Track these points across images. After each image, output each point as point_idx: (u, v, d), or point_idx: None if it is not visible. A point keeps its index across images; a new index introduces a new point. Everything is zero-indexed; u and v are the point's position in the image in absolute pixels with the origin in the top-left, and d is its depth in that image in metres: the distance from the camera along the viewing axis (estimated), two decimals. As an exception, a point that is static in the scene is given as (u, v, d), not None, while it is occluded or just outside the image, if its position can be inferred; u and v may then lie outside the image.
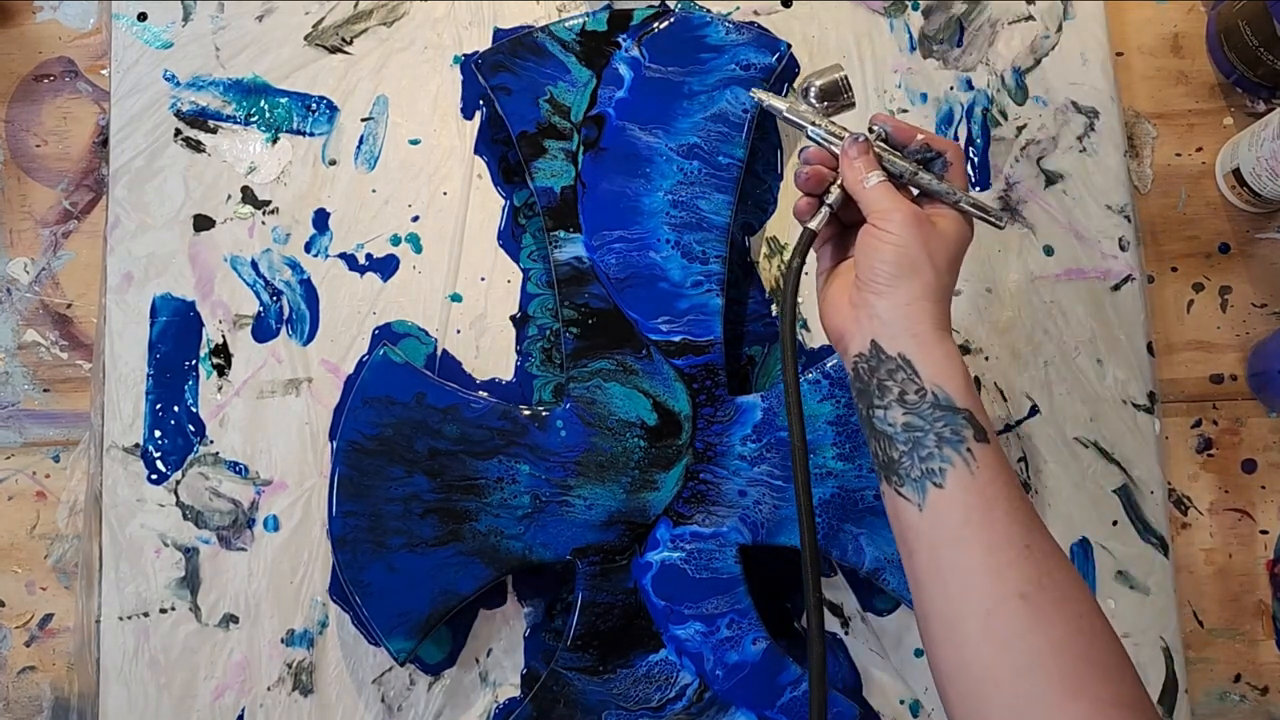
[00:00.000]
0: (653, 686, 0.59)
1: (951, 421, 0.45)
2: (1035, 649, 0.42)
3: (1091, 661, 0.41)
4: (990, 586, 0.43)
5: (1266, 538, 0.64)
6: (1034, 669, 0.41)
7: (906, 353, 0.47)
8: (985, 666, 0.42)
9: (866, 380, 0.47)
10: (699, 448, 0.60)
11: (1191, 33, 0.69)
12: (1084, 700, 0.40)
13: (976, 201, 0.50)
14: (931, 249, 0.48)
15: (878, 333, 0.47)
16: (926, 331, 0.47)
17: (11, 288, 0.66)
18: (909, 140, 0.51)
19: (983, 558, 0.43)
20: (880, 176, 0.49)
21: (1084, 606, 0.43)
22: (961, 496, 0.44)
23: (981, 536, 0.44)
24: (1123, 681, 0.41)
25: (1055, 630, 0.42)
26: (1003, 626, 0.42)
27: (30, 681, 0.62)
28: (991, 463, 0.45)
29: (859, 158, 0.50)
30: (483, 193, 0.66)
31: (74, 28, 0.69)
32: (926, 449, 0.45)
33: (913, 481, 0.45)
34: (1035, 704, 0.41)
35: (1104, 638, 0.43)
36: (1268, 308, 0.66)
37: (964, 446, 0.45)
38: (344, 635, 0.61)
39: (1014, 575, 0.43)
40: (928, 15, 0.68)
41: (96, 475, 0.62)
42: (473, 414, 0.59)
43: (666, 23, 0.64)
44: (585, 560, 0.59)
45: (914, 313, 0.47)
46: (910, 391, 0.46)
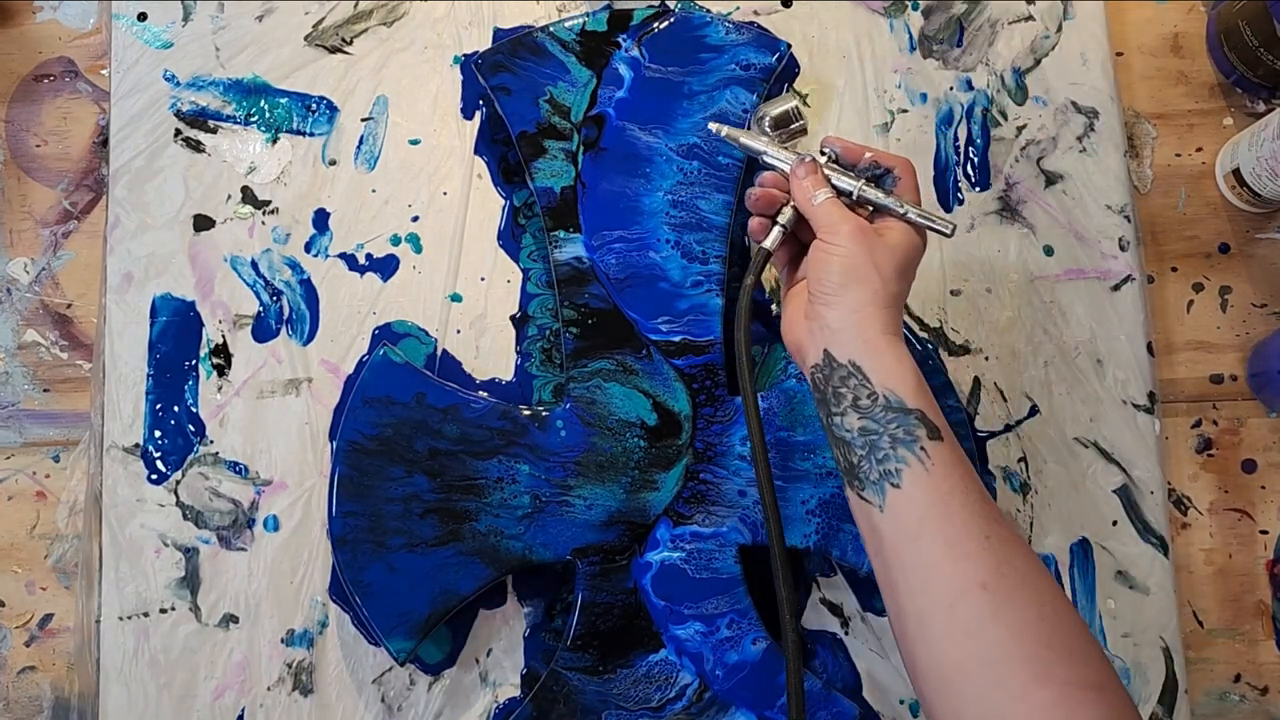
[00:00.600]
0: (653, 686, 0.59)
1: (904, 422, 0.46)
2: (999, 637, 0.42)
3: (1055, 646, 0.42)
4: (951, 579, 0.44)
5: (1266, 538, 0.64)
6: (999, 657, 0.42)
7: (856, 359, 0.48)
8: (952, 659, 0.43)
9: (823, 389, 0.49)
10: (699, 448, 0.60)
11: (1191, 33, 0.69)
12: (1050, 685, 0.41)
13: (923, 212, 0.51)
14: (878, 259, 0.49)
15: (829, 342, 0.49)
16: (875, 338, 0.48)
17: (11, 288, 0.66)
18: (858, 159, 0.53)
19: (943, 551, 0.44)
20: (828, 194, 0.52)
21: (1046, 593, 0.44)
22: (918, 494, 0.46)
23: (940, 531, 0.45)
24: (1088, 664, 0.42)
25: (1017, 617, 0.43)
26: (966, 618, 0.43)
27: (30, 681, 0.62)
28: (946, 459, 0.46)
29: (807, 177, 0.53)
30: (483, 193, 0.66)
31: (74, 28, 0.69)
32: (882, 451, 0.47)
33: (872, 484, 0.47)
34: (1002, 692, 0.41)
35: (1067, 621, 0.43)
36: (1268, 308, 0.66)
37: (917, 445, 0.46)
38: (344, 635, 0.61)
39: (974, 566, 0.44)
40: (928, 15, 0.68)
41: (96, 475, 0.62)
42: (473, 414, 0.59)
43: (666, 23, 0.64)
44: (585, 560, 0.59)
45: (862, 320, 0.49)
46: (863, 396, 0.48)
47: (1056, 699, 0.41)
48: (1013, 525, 0.46)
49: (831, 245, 0.50)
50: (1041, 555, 0.62)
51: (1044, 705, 0.41)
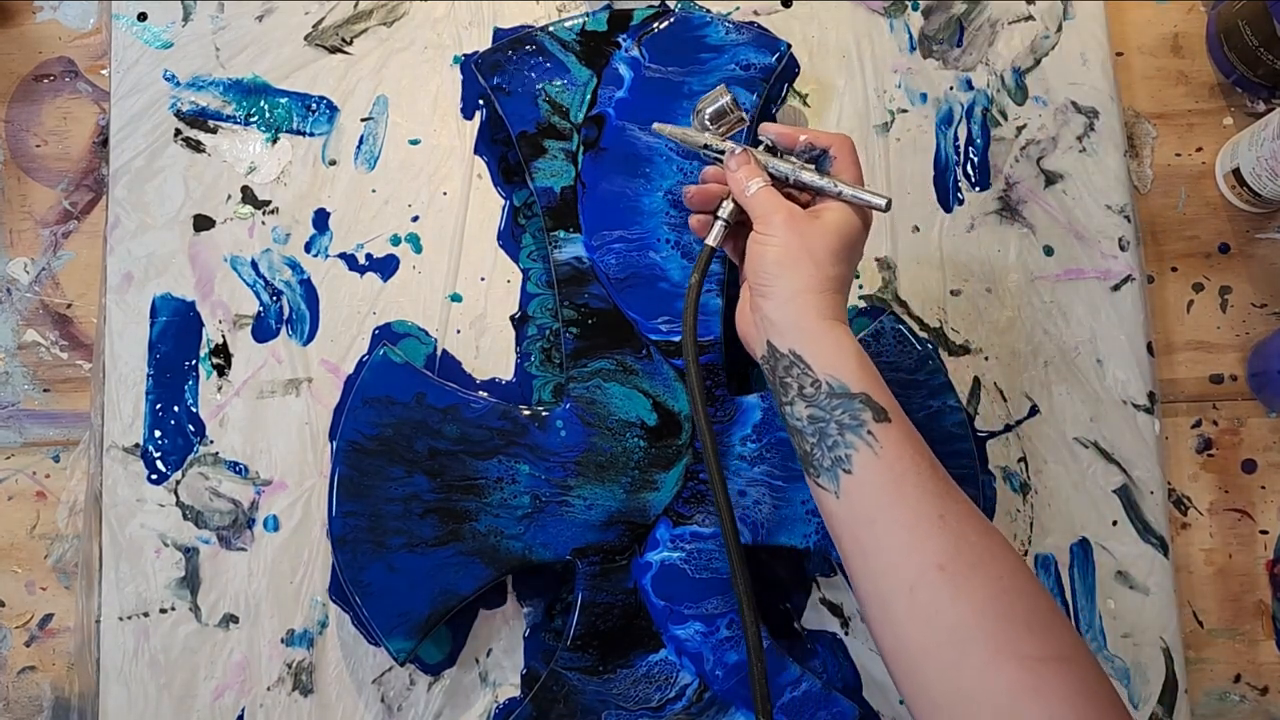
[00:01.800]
0: (653, 686, 0.59)
1: (849, 407, 0.46)
2: (959, 617, 0.42)
3: (1016, 620, 0.42)
4: (909, 561, 0.44)
5: (1266, 538, 0.64)
6: (961, 637, 0.42)
7: (796, 348, 0.48)
8: (917, 641, 0.43)
9: (772, 380, 0.49)
10: (699, 448, 0.60)
11: (1191, 33, 0.69)
12: (1012, 661, 0.41)
13: (856, 189, 0.50)
14: (811, 244, 0.49)
15: (771, 333, 0.49)
16: (813, 325, 0.48)
17: (11, 288, 0.66)
18: (794, 144, 0.53)
19: (898, 534, 0.44)
20: (761, 183, 0.51)
21: (1005, 566, 0.43)
22: (870, 478, 0.45)
23: (895, 514, 0.45)
24: (1050, 635, 0.42)
25: (977, 595, 0.42)
26: (926, 600, 0.43)
27: (30, 681, 0.62)
28: (895, 440, 0.46)
29: (740, 168, 0.52)
30: (483, 193, 0.66)
31: (74, 28, 0.69)
32: (831, 438, 0.46)
33: (826, 471, 0.46)
34: (966, 671, 0.41)
35: (1028, 595, 0.43)
36: (1268, 308, 0.66)
37: (864, 430, 0.46)
38: (344, 635, 0.61)
39: (930, 547, 0.43)
40: (928, 15, 0.68)
41: (96, 475, 0.62)
42: (473, 414, 0.59)
43: (666, 23, 0.64)
44: (585, 560, 0.59)
45: (798, 308, 0.48)
46: (807, 385, 0.47)
47: (1020, 675, 0.40)
48: (967, 499, 0.46)
49: (765, 235, 0.50)
50: (1041, 555, 0.62)
51: (1009, 682, 0.40)
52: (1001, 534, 0.45)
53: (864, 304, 0.64)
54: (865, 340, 0.61)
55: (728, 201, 0.53)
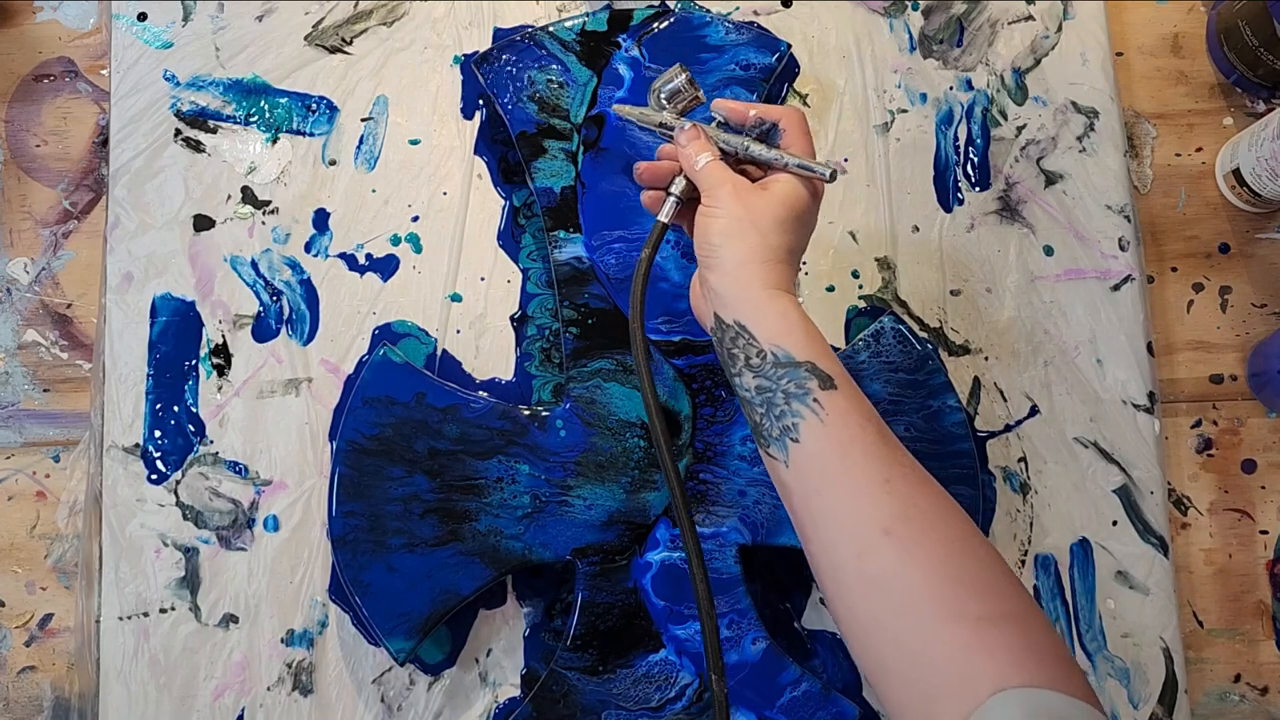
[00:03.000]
0: (653, 686, 0.59)
1: (794, 376, 0.46)
2: (908, 583, 0.42)
3: (964, 583, 0.42)
4: (856, 528, 0.44)
5: (1266, 538, 0.64)
6: (910, 603, 0.42)
7: (741, 318, 0.48)
8: (867, 609, 0.43)
9: (720, 353, 0.49)
10: (699, 448, 0.60)
11: (1191, 33, 0.69)
12: (962, 623, 0.41)
13: (802, 160, 0.50)
14: (756, 214, 0.49)
15: (717, 305, 0.49)
16: (756, 294, 0.48)
17: (11, 288, 0.66)
18: (744, 119, 0.53)
19: (846, 501, 0.44)
20: (709, 157, 0.51)
21: (953, 529, 0.43)
22: (817, 447, 0.45)
23: (842, 481, 0.45)
24: (998, 595, 0.42)
25: (924, 560, 0.42)
26: (874, 566, 0.43)
27: (30, 681, 0.62)
28: (841, 407, 0.46)
29: (689, 144, 0.52)
30: (483, 193, 0.66)
31: (74, 28, 0.69)
32: (778, 407, 0.46)
33: (775, 441, 0.46)
34: (918, 636, 0.41)
35: (977, 556, 0.43)
36: (1268, 308, 0.66)
37: (810, 398, 0.46)
38: (344, 635, 0.61)
39: (877, 513, 0.43)
40: (928, 15, 0.68)
41: (96, 475, 0.62)
42: (473, 414, 0.59)
43: (666, 23, 0.64)
44: (585, 560, 0.59)
45: (743, 278, 0.48)
46: (753, 355, 0.47)
47: (970, 636, 0.40)
48: (915, 463, 0.46)
49: (712, 208, 0.50)
50: (1041, 555, 0.62)
51: (959, 644, 0.40)
52: (950, 496, 0.45)
53: (864, 304, 0.64)
54: (865, 340, 0.61)
55: (680, 177, 0.53)
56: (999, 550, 0.62)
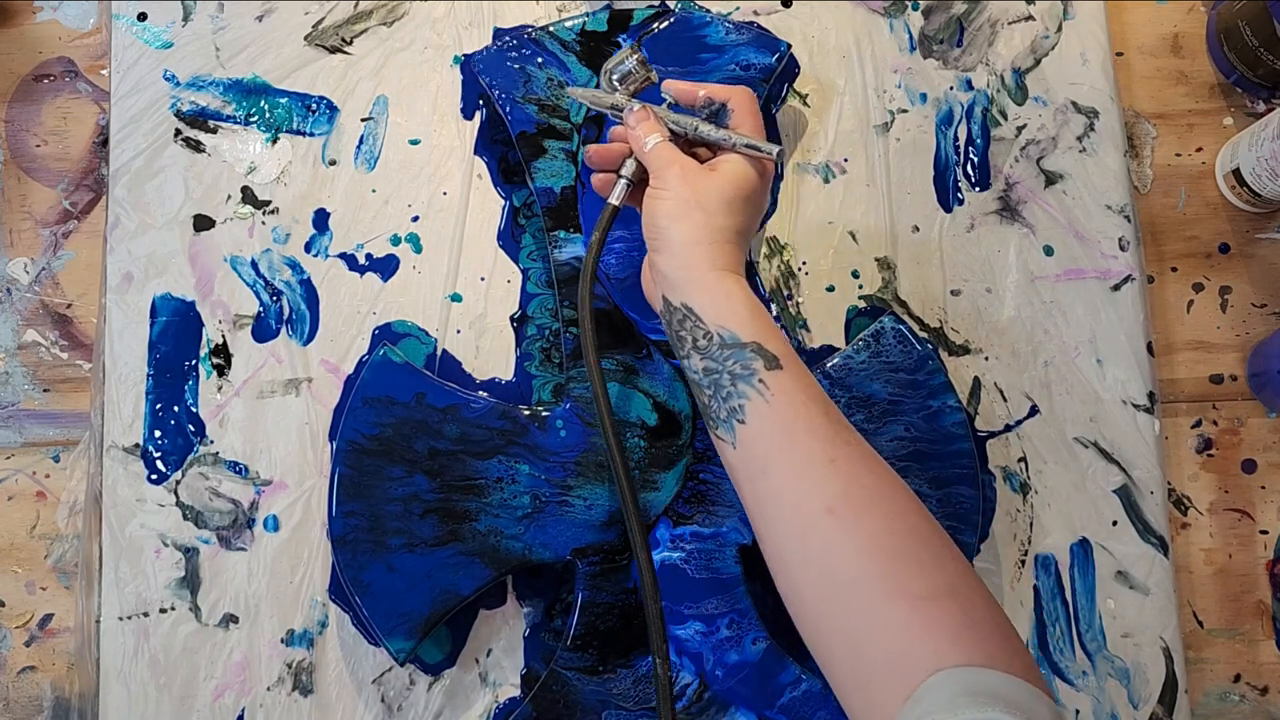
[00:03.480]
0: (653, 686, 0.59)
1: (740, 357, 0.46)
2: (849, 562, 0.42)
3: (906, 561, 0.42)
4: (799, 507, 0.44)
5: (1266, 538, 0.64)
6: (852, 581, 0.42)
7: (688, 300, 0.48)
8: (811, 587, 0.43)
9: (670, 336, 0.49)
10: (699, 448, 0.60)
11: (1191, 33, 0.69)
12: (900, 601, 0.41)
13: (748, 140, 0.51)
14: (702, 195, 0.49)
15: (665, 288, 0.49)
16: (702, 276, 0.48)
17: (11, 288, 0.66)
18: (693, 99, 0.53)
19: (789, 480, 0.44)
20: (658, 138, 0.51)
21: (894, 506, 0.44)
22: (763, 427, 0.45)
23: (785, 460, 0.45)
24: (940, 572, 0.42)
25: (865, 537, 0.42)
26: (817, 546, 0.43)
27: (30, 681, 0.62)
28: (786, 387, 0.46)
29: (638, 125, 0.52)
30: (483, 193, 0.66)
31: (74, 28, 0.69)
32: (725, 389, 0.47)
33: (723, 423, 0.47)
34: (858, 611, 0.42)
35: (918, 533, 0.43)
36: (1268, 308, 0.66)
37: (755, 379, 0.46)
38: (344, 635, 0.61)
39: (819, 492, 0.44)
40: (928, 15, 0.68)
41: (96, 475, 0.62)
42: (473, 414, 0.59)
43: (666, 23, 0.64)
44: (585, 560, 0.59)
45: (689, 259, 0.48)
46: (700, 337, 0.48)
47: (909, 613, 0.40)
48: (862, 441, 0.46)
49: (659, 189, 0.50)
50: (1041, 555, 0.62)
51: (898, 621, 0.40)
52: (896, 475, 0.45)
53: (864, 304, 0.65)
54: (865, 340, 0.61)
55: (630, 159, 0.53)
56: (996, 548, 0.62)
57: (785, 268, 0.65)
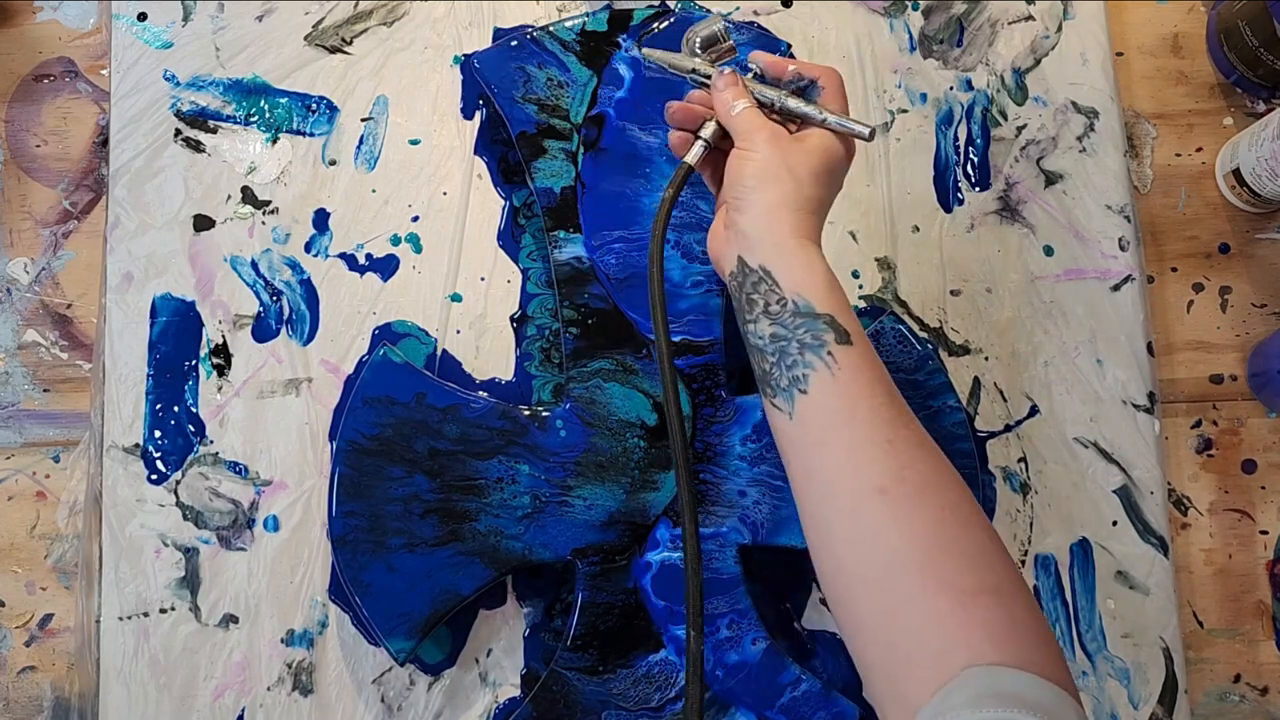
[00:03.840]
0: (653, 686, 0.59)
1: (812, 327, 0.46)
2: (896, 544, 0.42)
3: (953, 553, 0.41)
4: (851, 484, 0.43)
5: (1266, 538, 0.64)
6: (896, 565, 0.42)
7: (766, 264, 0.48)
8: (853, 566, 0.43)
9: (738, 296, 0.49)
10: (699, 448, 0.60)
11: (1191, 33, 0.69)
12: (945, 594, 0.40)
13: (841, 117, 0.50)
14: (792, 161, 0.49)
15: (742, 248, 0.49)
16: (785, 240, 0.48)
17: (11, 288, 0.66)
18: (783, 73, 0.52)
19: (844, 456, 0.44)
20: (746, 104, 0.51)
21: (949, 497, 0.43)
22: (824, 400, 0.45)
23: (843, 436, 0.44)
24: (986, 568, 0.41)
25: (916, 524, 0.42)
26: (865, 524, 0.43)
27: (30, 681, 0.62)
28: (854, 363, 0.45)
29: (726, 89, 0.52)
30: (483, 193, 0.66)
31: (74, 28, 0.69)
32: (791, 357, 0.46)
33: (783, 391, 0.46)
34: (898, 598, 0.41)
35: (969, 526, 0.43)
36: (1268, 308, 0.66)
37: (824, 350, 0.45)
38: (344, 635, 0.61)
39: (873, 470, 0.43)
40: (928, 15, 0.68)
41: (96, 475, 0.62)
42: (473, 414, 0.59)
43: (666, 23, 0.64)
44: (585, 560, 0.59)
45: (773, 222, 0.48)
46: (773, 302, 0.47)
47: (950, 606, 0.40)
48: (922, 431, 0.45)
49: (747, 151, 0.49)
50: (1041, 555, 0.62)
51: (938, 613, 0.40)
52: (953, 467, 0.45)
53: (864, 304, 0.65)
54: (865, 340, 0.61)
55: (710, 122, 0.53)
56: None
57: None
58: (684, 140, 0.54)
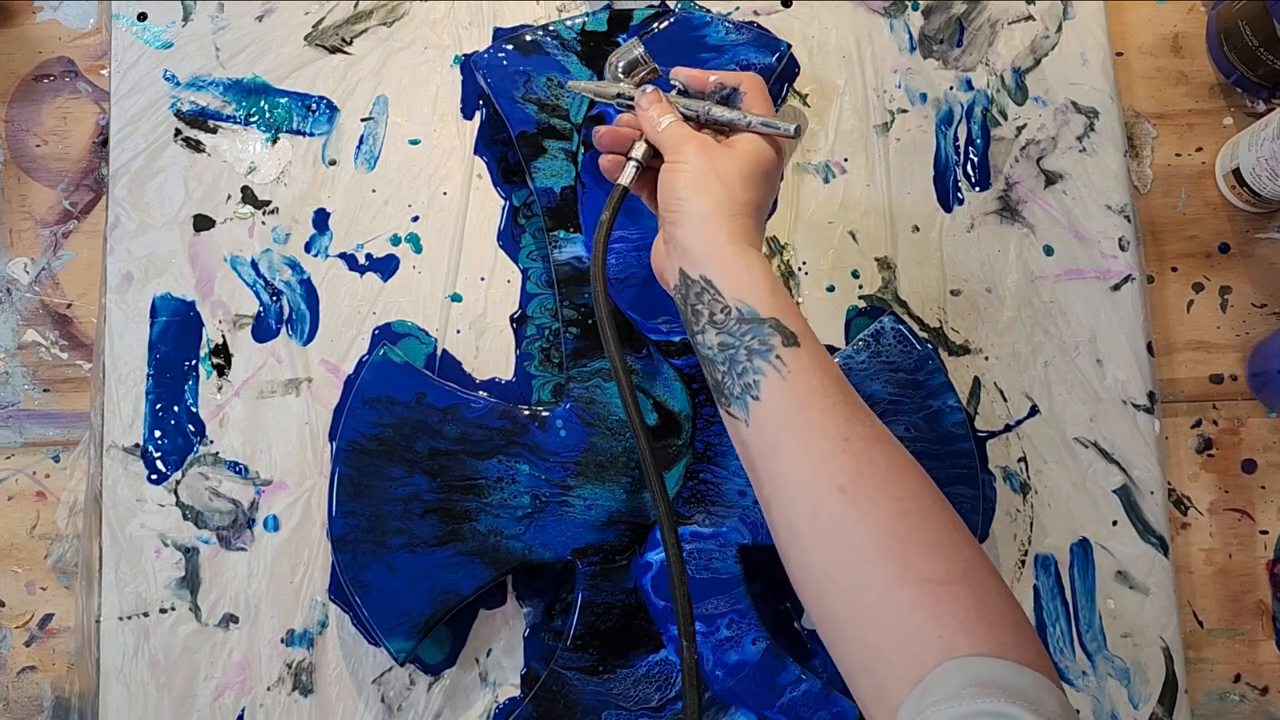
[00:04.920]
0: (653, 686, 0.59)
1: (758, 333, 0.46)
2: (859, 541, 0.42)
3: (918, 544, 0.41)
4: (811, 485, 0.43)
5: (1266, 538, 0.64)
6: (862, 561, 0.42)
7: (707, 273, 0.48)
8: (821, 567, 0.43)
9: (684, 309, 0.49)
10: (699, 448, 0.60)
11: (1191, 33, 0.69)
12: (914, 586, 0.40)
13: (766, 119, 0.51)
14: (722, 169, 0.49)
15: (682, 260, 0.49)
16: (723, 248, 0.48)
17: (11, 288, 0.66)
18: (704, 85, 0.53)
19: (802, 457, 0.44)
20: (671, 118, 0.52)
21: (908, 488, 0.43)
22: (778, 404, 0.45)
23: (798, 437, 0.44)
24: (953, 556, 0.41)
25: (877, 518, 0.42)
26: (828, 524, 0.43)
27: (30, 681, 0.62)
28: (803, 364, 0.45)
29: (651, 106, 0.52)
30: (483, 193, 0.66)
31: (74, 28, 0.69)
32: (740, 365, 0.46)
33: (736, 399, 0.46)
34: (868, 593, 0.41)
35: (930, 515, 0.43)
36: (1268, 308, 0.66)
37: (773, 354, 0.45)
38: (344, 635, 0.61)
39: (831, 470, 0.43)
40: (928, 15, 0.68)
41: (96, 475, 0.62)
42: (473, 414, 0.59)
43: (666, 23, 0.64)
44: (585, 560, 0.59)
45: (709, 231, 0.48)
46: (717, 311, 0.47)
47: (921, 598, 0.40)
48: (878, 422, 0.45)
49: (677, 163, 0.50)
50: (1041, 555, 0.62)
51: (909, 606, 0.40)
52: (911, 457, 0.45)
53: (864, 304, 0.65)
54: (865, 340, 0.61)
55: (640, 142, 0.53)
56: (996, 548, 0.62)
57: (785, 268, 0.65)
58: (615, 163, 0.54)
